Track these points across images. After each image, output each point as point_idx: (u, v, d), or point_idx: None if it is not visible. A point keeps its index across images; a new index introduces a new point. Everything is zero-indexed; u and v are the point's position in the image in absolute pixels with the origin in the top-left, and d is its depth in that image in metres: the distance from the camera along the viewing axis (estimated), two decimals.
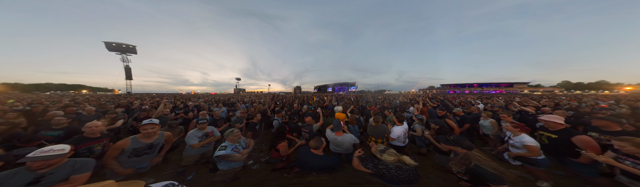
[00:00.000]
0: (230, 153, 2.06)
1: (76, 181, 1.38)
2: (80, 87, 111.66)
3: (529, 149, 2.08)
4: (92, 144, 2.05)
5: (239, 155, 2.11)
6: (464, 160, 1.49)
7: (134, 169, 2.00)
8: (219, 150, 2.09)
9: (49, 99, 10.60)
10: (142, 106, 5.34)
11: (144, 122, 2.10)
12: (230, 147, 2.12)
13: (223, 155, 2.03)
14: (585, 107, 4.14)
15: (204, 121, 2.64)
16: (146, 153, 2.06)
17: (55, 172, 1.33)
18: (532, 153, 2.07)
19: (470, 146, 1.56)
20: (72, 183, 1.36)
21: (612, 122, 2.20)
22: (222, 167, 2.18)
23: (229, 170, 2.20)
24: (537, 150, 2.06)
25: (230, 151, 2.09)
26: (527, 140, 2.09)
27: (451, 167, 1.61)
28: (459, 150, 1.60)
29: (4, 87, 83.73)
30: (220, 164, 2.18)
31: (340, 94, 41.76)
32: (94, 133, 2.07)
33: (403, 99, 11.30)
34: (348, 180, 2.45)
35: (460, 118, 3.77)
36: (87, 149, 2.02)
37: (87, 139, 2.03)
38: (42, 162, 1.27)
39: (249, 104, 8.03)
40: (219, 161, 2.16)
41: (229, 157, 2.06)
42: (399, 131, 2.79)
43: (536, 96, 18.68)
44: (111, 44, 41.78)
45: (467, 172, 1.45)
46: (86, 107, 4.07)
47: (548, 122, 2.27)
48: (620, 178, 1.75)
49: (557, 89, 61.64)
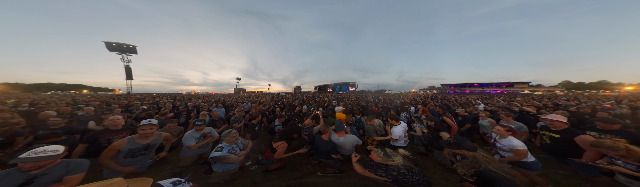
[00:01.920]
0: (226, 154, 2.02)
1: (69, 181, 1.35)
2: (81, 87, 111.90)
3: (516, 153, 1.98)
4: (112, 135, 2.24)
5: (235, 157, 2.06)
6: (474, 163, 1.44)
7: (137, 167, 1.98)
8: (215, 151, 2.04)
9: (51, 99, 10.60)
10: (141, 106, 5.32)
11: (142, 122, 2.07)
12: (227, 148, 2.09)
13: (218, 156, 1.99)
14: (586, 107, 4.13)
15: (200, 122, 2.58)
16: (142, 154, 2.04)
17: (48, 173, 1.30)
18: (518, 156, 1.99)
19: (474, 147, 1.52)
20: (66, 184, 1.33)
21: (610, 123, 2.19)
22: (216, 169, 2.12)
23: (224, 172, 2.15)
24: (524, 153, 1.97)
25: (227, 152, 2.05)
26: (516, 144, 1.98)
27: (457, 169, 1.57)
28: (465, 153, 1.54)
29: (5, 87, 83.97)
30: (215, 166, 2.13)
31: (340, 94, 41.74)
32: (116, 125, 2.28)
33: (403, 99, 11.28)
34: (350, 181, 2.44)
35: (462, 118, 3.77)
36: (107, 140, 2.22)
37: (109, 131, 2.25)
38: (33, 163, 1.23)
39: (249, 104, 8.03)
40: (214, 163, 2.12)
41: (224, 159, 2.01)
42: (399, 131, 2.73)
43: (537, 96, 18.63)
44: (111, 44, 41.86)
45: (476, 174, 1.41)
46: (85, 107, 4.07)
47: (552, 122, 2.24)
48: (618, 178, 1.76)
49: (557, 89, 61.48)
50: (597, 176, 2.04)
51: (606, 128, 2.22)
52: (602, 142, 1.73)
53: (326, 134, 2.44)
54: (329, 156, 2.34)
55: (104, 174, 1.94)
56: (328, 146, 2.35)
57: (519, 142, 1.99)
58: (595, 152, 1.86)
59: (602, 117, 2.33)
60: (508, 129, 2.13)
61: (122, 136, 2.26)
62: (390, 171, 1.50)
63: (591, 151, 1.90)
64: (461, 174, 1.52)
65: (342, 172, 2.65)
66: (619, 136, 2.05)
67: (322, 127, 2.49)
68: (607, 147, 1.68)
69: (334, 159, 2.37)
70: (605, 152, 1.73)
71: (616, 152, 1.66)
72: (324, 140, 2.41)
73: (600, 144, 1.74)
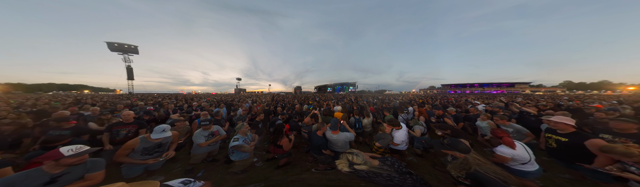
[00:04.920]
0: (243, 144, 2.41)
1: (93, 178, 1.46)
2: (82, 87, 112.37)
3: (496, 156, 1.91)
4: (121, 128, 2.60)
5: (247, 146, 2.45)
6: (463, 165, 1.43)
7: (157, 159, 2.05)
8: (233, 141, 2.40)
9: (53, 99, 10.70)
10: (147, 107, 5.40)
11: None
12: (242, 138, 2.48)
13: (237, 145, 2.36)
14: (590, 108, 4.07)
15: (206, 123, 2.65)
16: (157, 151, 2.15)
17: (71, 172, 1.38)
18: (497, 159, 1.90)
19: (467, 149, 1.49)
20: (91, 180, 1.45)
21: (631, 124, 2.01)
22: (234, 158, 2.47)
23: (242, 161, 2.50)
24: (503, 159, 1.87)
25: (242, 141, 2.44)
26: (502, 150, 1.88)
27: (450, 170, 1.54)
28: (457, 154, 1.52)
29: (7, 87, 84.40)
30: (233, 155, 2.47)
31: (340, 93, 41.72)
32: (128, 120, 2.64)
33: (403, 99, 11.29)
34: (338, 177, 2.52)
35: (453, 117, 3.82)
36: (116, 131, 2.58)
37: (120, 124, 2.63)
38: (78, 158, 1.36)
39: (249, 104, 8.10)
40: (232, 152, 2.47)
41: (241, 148, 2.39)
42: (402, 136, 2.67)
43: (537, 96, 18.51)
44: (113, 44, 42.00)
45: (468, 177, 1.39)
46: (90, 107, 4.13)
47: (557, 124, 2.09)
48: (633, 185, 1.64)
49: (559, 89, 61.24)
50: (608, 183, 1.88)
51: (622, 131, 2.04)
52: (614, 148, 1.59)
53: (321, 131, 2.60)
54: (321, 152, 2.51)
55: (123, 170, 2.04)
56: (320, 140, 2.52)
57: (507, 150, 1.88)
58: (607, 157, 1.70)
59: (622, 119, 2.11)
60: (499, 133, 2.00)
61: (128, 129, 2.62)
62: (377, 177, 1.44)
63: (602, 156, 1.74)
64: (455, 176, 1.49)
65: (333, 168, 2.72)
66: (635, 140, 1.92)
67: (318, 125, 2.68)
68: (620, 154, 1.55)
69: (326, 155, 2.52)
70: (618, 158, 1.60)
71: (630, 159, 1.53)
72: (318, 136, 2.58)
73: (612, 150, 1.59)
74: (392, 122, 2.70)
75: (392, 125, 2.69)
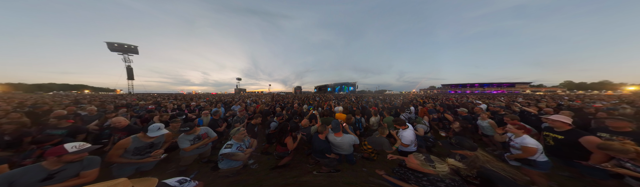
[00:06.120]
0: (235, 152, 2.10)
1: (88, 175, 1.48)
2: (82, 87, 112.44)
3: (524, 150, 2.00)
4: (114, 133, 2.68)
5: (242, 154, 2.15)
6: (474, 163, 1.41)
7: (155, 158, 2.04)
8: (224, 148, 2.12)
9: (53, 99, 10.69)
10: (148, 106, 5.38)
11: None
12: (236, 145, 2.18)
13: (228, 153, 2.06)
14: (590, 107, 4.11)
15: (186, 129, 2.45)
16: (148, 152, 2.11)
17: (67, 169, 1.40)
18: (525, 154, 2.00)
19: (474, 146, 1.51)
20: (85, 178, 1.46)
21: (625, 122, 2.09)
22: (222, 166, 2.18)
23: (230, 169, 2.22)
24: (532, 151, 1.96)
25: (236, 149, 2.13)
26: (528, 142, 1.99)
27: (459, 170, 1.49)
28: (467, 153, 1.51)
29: (8, 87, 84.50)
30: (221, 163, 2.18)
31: (340, 93, 41.72)
32: (119, 126, 2.63)
33: (404, 99, 11.27)
34: (343, 180, 2.45)
35: (463, 118, 3.78)
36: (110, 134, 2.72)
37: (114, 129, 2.68)
38: (79, 155, 1.39)
39: (249, 103, 8.06)
40: (221, 159, 2.17)
41: (232, 156, 2.09)
42: (409, 135, 2.52)
43: (538, 96, 18.50)
44: (113, 44, 42.04)
45: (479, 175, 1.38)
46: (88, 107, 4.10)
47: (555, 122, 2.16)
48: (629, 181, 1.69)
49: (559, 89, 61.18)
50: (604, 179, 1.96)
51: (618, 129, 2.11)
52: (610, 145, 1.64)
53: (323, 134, 2.45)
54: (324, 155, 2.37)
55: (113, 171, 2.00)
56: (323, 145, 2.37)
57: (532, 141, 1.99)
58: (603, 154, 1.76)
59: (617, 117, 2.19)
60: (519, 127, 2.13)
61: (118, 136, 2.62)
62: (436, 182, 1.27)
63: (598, 153, 1.80)
64: (464, 176, 1.46)
65: (338, 171, 2.67)
66: (632, 138, 1.96)
67: (319, 127, 2.52)
68: (616, 151, 1.59)
69: (330, 158, 2.40)
70: (614, 155, 1.64)
71: (626, 156, 1.57)
72: (320, 139, 2.42)
73: (608, 147, 1.64)
74: (398, 122, 2.66)
75: (399, 124, 2.64)
